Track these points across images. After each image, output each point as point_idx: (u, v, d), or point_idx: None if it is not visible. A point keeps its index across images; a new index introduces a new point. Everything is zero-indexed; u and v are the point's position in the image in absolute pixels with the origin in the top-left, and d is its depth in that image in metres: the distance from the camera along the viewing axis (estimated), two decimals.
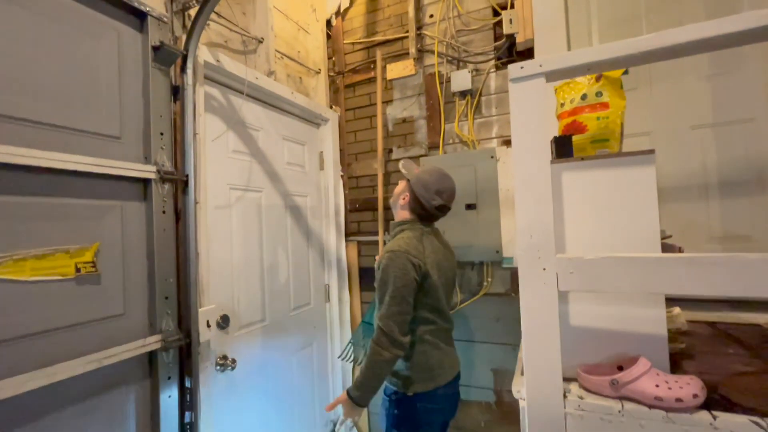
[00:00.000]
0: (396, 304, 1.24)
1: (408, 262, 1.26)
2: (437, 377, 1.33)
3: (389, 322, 1.23)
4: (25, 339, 0.92)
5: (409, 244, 1.30)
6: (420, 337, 1.33)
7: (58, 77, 1.01)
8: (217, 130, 1.52)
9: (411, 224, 1.39)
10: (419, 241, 1.33)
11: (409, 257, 1.26)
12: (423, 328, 1.33)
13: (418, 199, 1.37)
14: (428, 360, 1.33)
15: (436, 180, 1.37)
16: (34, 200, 0.95)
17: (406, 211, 1.42)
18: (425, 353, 1.33)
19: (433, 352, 1.34)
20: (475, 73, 1.94)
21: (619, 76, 1.11)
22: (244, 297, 1.62)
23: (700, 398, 0.74)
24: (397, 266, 1.25)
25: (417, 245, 1.31)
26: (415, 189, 1.37)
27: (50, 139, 0.98)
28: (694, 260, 0.69)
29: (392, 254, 1.28)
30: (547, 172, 0.82)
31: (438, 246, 1.40)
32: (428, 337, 1.34)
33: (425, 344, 1.33)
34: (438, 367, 1.34)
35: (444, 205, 1.38)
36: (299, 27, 2.09)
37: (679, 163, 1.48)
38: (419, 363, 1.32)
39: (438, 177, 1.38)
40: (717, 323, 1.24)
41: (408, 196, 1.40)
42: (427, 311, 1.33)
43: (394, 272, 1.25)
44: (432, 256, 1.33)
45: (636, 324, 0.88)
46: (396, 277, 1.24)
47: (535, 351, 0.84)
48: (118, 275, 1.12)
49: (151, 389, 1.19)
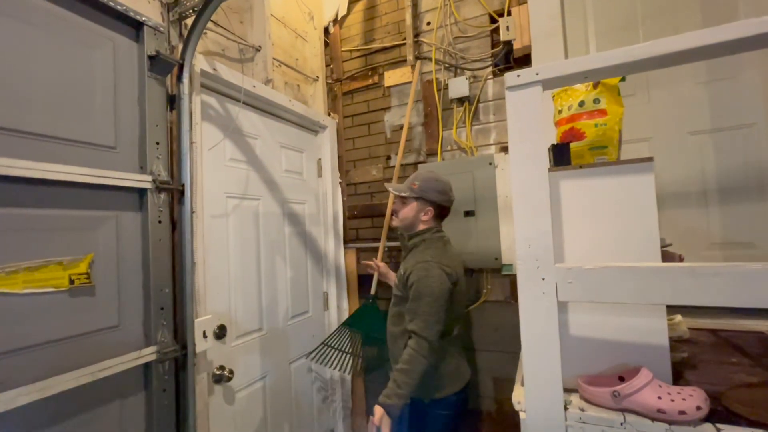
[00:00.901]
0: (435, 314, 1.27)
1: (443, 272, 1.29)
2: (454, 383, 1.37)
3: (431, 332, 1.26)
4: (17, 353, 0.90)
5: (440, 254, 1.35)
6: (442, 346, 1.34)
7: (52, 88, 1.01)
8: (213, 139, 1.52)
9: (431, 233, 1.43)
10: (444, 250, 1.39)
11: (443, 267, 1.30)
12: (446, 337, 1.36)
13: (441, 205, 1.43)
14: (445, 367, 1.37)
15: (442, 182, 1.45)
16: (26, 212, 0.94)
17: (427, 222, 1.45)
18: (445, 360, 1.37)
19: (453, 360, 1.39)
20: (472, 79, 1.94)
21: (617, 83, 1.11)
22: (241, 306, 1.60)
23: (704, 410, 0.73)
24: (433, 277, 1.28)
25: (446, 253, 1.37)
26: (435, 199, 1.42)
27: (44, 150, 0.97)
28: (696, 270, 0.68)
29: (427, 264, 1.31)
30: (544, 181, 0.82)
31: (456, 251, 1.47)
32: (445, 345, 1.36)
33: (445, 352, 1.37)
34: (455, 372, 1.38)
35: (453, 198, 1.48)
36: (297, 35, 2.10)
37: (678, 169, 1.47)
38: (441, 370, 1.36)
39: (438, 177, 1.45)
40: (719, 330, 1.23)
41: (431, 209, 1.43)
42: (450, 320, 1.35)
43: (431, 283, 1.28)
44: (458, 262, 1.41)
45: (637, 334, 0.87)
46: (433, 287, 1.27)
47: (535, 362, 0.82)
48: (112, 286, 1.11)
49: (146, 402, 1.17)
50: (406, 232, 1.51)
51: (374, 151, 2.22)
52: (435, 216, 1.45)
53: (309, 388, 1.99)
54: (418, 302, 1.29)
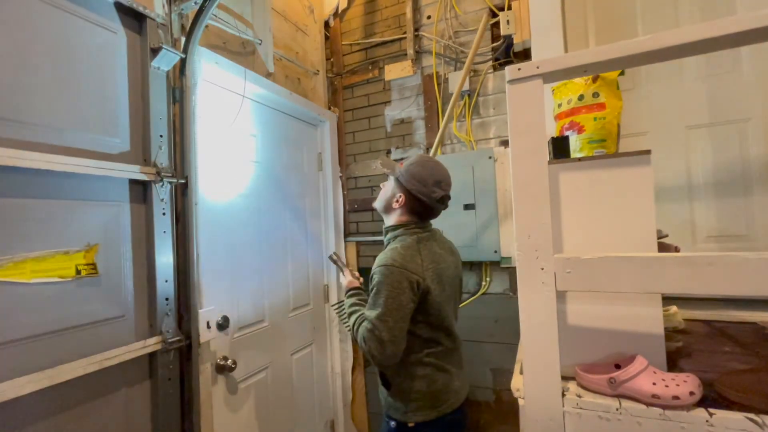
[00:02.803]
0: (385, 327, 1.07)
1: (404, 279, 1.09)
2: (442, 404, 1.18)
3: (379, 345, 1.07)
4: (26, 341, 0.92)
5: (405, 256, 1.13)
6: (421, 360, 1.18)
7: (56, 80, 1.02)
8: (216, 132, 1.53)
9: (406, 229, 1.23)
10: (416, 251, 1.16)
11: (406, 274, 1.10)
12: (425, 351, 1.18)
13: (416, 197, 1.20)
14: (431, 386, 1.18)
15: (430, 170, 1.21)
16: (33, 202, 0.95)
17: (403, 215, 1.25)
18: (427, 377, 1.18)
19: (438, 376, 1.19)
20: (472, 74, 1.95)
21: (616, 77, 1.12)
22: (243, 298, 1.62)
23: (697, 396, 0.75)
24: (390, 284, 1.09)
25: (414, 257, 1.14)
26: (409, 186, 1.20)
27: (50, 142, 0.98)
28: (691, 260, 0.70)
29: (385, 269, 1.11)
30: (544, 173, 0.83)
31: (438, 253, 1.23)
32: (431, 359, 1.19)
33: (428, 367, 1.18)
34: (443, 392, 1.19)
35: (445, 196, 1.23)
36: (297, 28, 2.10)
37: (675, 163, 1.49)
38: (420, 389, 1.17)
39: (431, 166, 1.23)
40: (713, 321, 1.26)
41: (402, 196, 1.22)
42: (430, 330, 1.18)
43: (387, 291, 1.09)
44: (432, 268, 1.17)
45: (633, 323, 0.89)
46: (389, 297, 1.08)
47: (534, 350, 0.84)
48: (118, 277, 1.12)
49: (152, 390, 1.19)
50: (383, 217, 1.32)
51: (374, 145, 2.23)
52: (410, 209, 1.23)
53: (310, 379, 2.02)
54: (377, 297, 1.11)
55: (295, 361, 1.92)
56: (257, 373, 1.67)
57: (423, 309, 1.15)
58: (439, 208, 1.25)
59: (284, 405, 1.82)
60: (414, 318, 1.14)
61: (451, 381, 1.21)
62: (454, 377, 1.22)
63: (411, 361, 1.17)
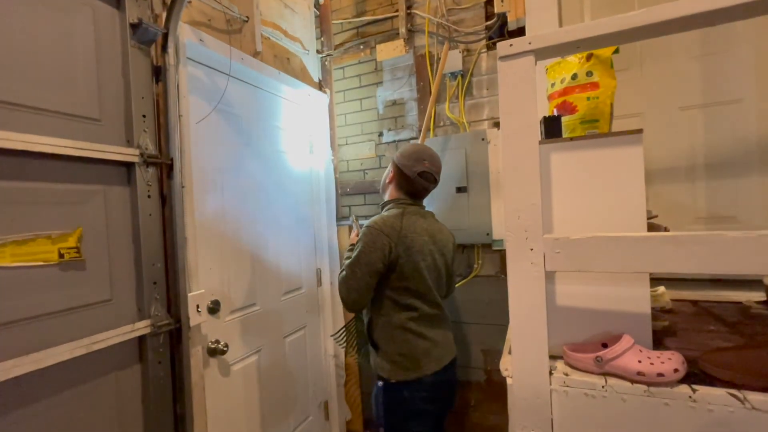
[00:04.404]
0: (353, 277, 1.26)
1: (378, 238, 1.25)
2: (423, 367, 1.29)
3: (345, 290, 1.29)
4: (9, 325, 0.91)
5: (386, 222, 1.29)
6: (402, 326, 1.30)
7: (30, 56, 0.97)
8: (201, 113, 1.48)
9: (395, 203, 1.39)
10: (398, 219, 1.30)
11: (382, 234, 1.26)
12: (404, 315, 1.30)
13: (401, 171, 1.37)
14: (411, 350, 1.29)
15: (416, 149, 1.39)
16: (10, 185, 0.92)
17: (393, 190, 1.42)
18: (408, 342, 1.30)
19: (418, 342, 1.30)
20: (466, 53, 1.91)
21: (610, 56, 1.10)
22: (234, 282, 1.61)
23: (681, 373, 0.76)
24: (366, 241, 1.27)
25: (394, 223, 1.29)
26: (397, 161, 1.39)
27: (25, 121, 0.95)
28: (678, 239, 0.70)
29: (366, 229, 1.29)
30: (535, 153, 0.82)
31: (424, 228, 1.34)
32: (411, 325, 1.30)
33: (408, 333, 1.30)
34: (423, 356, 1.29)
35: (426, 171, 1.34)
36: (286, 5, 2.03)
37: (668, 144, 1.48)
38: (403, 352, 1.29)
39: (418, 147, 1.41)
40: (700, 301, 1.27)
41: (392, 172, 1.41)
42: (408, 296, 1.30)
43: (361, 247, 1.27)
44: (411, 236, 1.29)
45: (621, 303, 0.89)
46: (361, 251, 1.26)
47: (522, 330, 0.85)
48: (103, 261, 1.10)
49: (142, 373, 1.19)
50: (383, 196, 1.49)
51: (366, 128, 2.20)
52: (398, 185, 1.40)
53: (303, 361, 2.04)
54: (355, 250, 1.30)
55: (288, 344, 1.93)
56: (250, 356, 1.68)
57: (399, 274, 1.28)
58: (421, 183, 1.37)
59: (278, 387, 1.84)
60: (392, 283, 1.29)
61: (431, 347, 1.31)
62: (435, 344, 1.33)
63: (393, 325, 1.31)
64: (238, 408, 1.60)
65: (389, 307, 1.31)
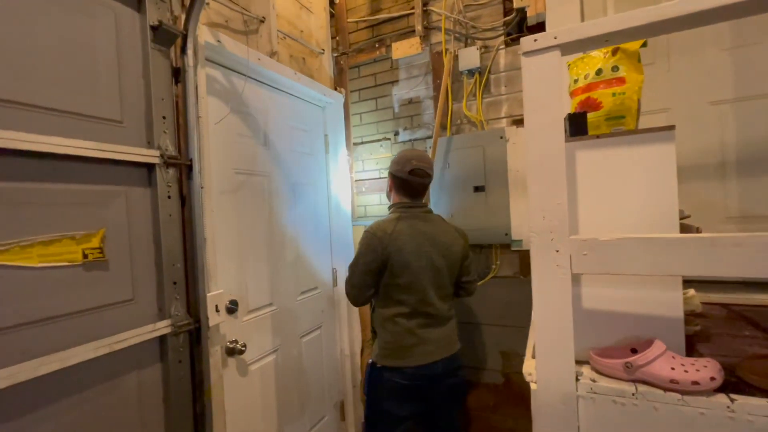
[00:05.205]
0: (353, 276, 1.43)
1: (372, 241, 1.39)
2: (405, 358, 1.39)
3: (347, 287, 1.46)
4: (36, 325, 0.92)
5: (380, 226, 1.42)
6: (392, 318, 1.41)
7: (55, 60, 0.99)
8: (219, 113, 1.49)
9: (395, 208, 1.48)
10: (392, 223, 1.41)
11: (375, 237, 1.39)
12: (394, 310, 1.41)
13: (395, 176, 1.47)
14: (397, 341, 1.41)
15: (403, 154, 1.49)
16: (37, 186, 0.94)
17: (394, 195, 1.52)
18: (396, 334, 1.41)
19: (404, 335, 1.39)
20: (483, 50, 1.87)
21: (637, 49, 1.06)
22: (251, 282, 1.62)
23: (718, 381, 0.72)
24: (362, 244, 1.42)
25: (387, 227, 1.40)
26: (390, 170, 1.50)
27: (51, 124, 0.96)
28: (716, 240, 0.66)
29: (364, 233, 1.44)
30: (561, 151, 0.79)
31: (421, 230, 1.42)
32: (400, 320, 1.40)
33: (396, 326, 1.41)
34: (408, 349, 1.39)
35: (416, 168, 1.42)
36: (301, 5, 2.03)
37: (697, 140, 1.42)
38: (390, 342, 1.42)
39: (405, 151, 1.51)
40: (732, 305, 1.22)
41: (389, 179, 1.53)
42: (399, 293, 1.40)
43: (359, 249, 1.43)
44: (404, 238, 1.38)
45: (651, 306, 0.86)
46: (359, 253, 1.42)
47: (547, 334, 0.82)
48: (125, 261, 1.12)
49: (163, 373, 1.21)
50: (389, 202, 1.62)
51: (382, 127, 2.19)
52: (396, 189, 1.50)
53: (319, 361, 2.04)
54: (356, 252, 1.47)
55: (304, 344, 1.93)
56: (267, 355, 1.69)
57: (390, 272, 1.39)
58: (413, 180, 1.44)
59: (294, 387, 1.84)
60: (386, 280, 1.40)
61: (418, 342, 1.39)
62: (423, 340, 1.40)
63: (385, 317, 1.43)
64: (256, 407, 1.61)
65: (384, 300, 1.44)
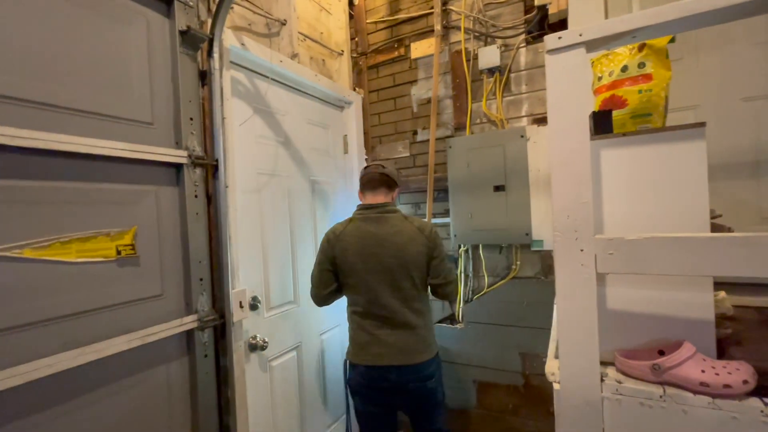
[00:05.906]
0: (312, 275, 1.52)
1: (323, 242, 1.50)
2: (358, 355, 1.45)
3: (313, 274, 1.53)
4: (74, 317, 0.97)
5: (333, 227, 1.51)
6: (351, 315, 1.51)
7: (91, 65, 1.04)
8: (243, 115, 1.53)
9: (357, 209, 1.54)
10: (343, 225, 1.50)
11: (326, 238, 1.50)
12: (352, 308, 1.50)
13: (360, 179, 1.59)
14: (354, 338, 1.48)
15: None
16: (75, 185, 0.99)
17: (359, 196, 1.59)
18: (352, 330, 1.50)
19: (359, 333, 1.46)
20: (503, 48, 1.86)
21: (665, 45, 1.03)
22: (274, 279, 1.65)
23: (751, 384, 0.70)
24: (319, 246, 1.53)
25: (336, 228, 1.50)
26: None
27: (88, 126, 1.01)
28: (750, 240, 0.65)
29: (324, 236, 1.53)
30: (586, 149, 0.78)
31: (371, 231, 1.44)
32: (355, 317, 1.48)
33: (352, 323, 1.50)
34: (361, 347, 1.44)
35: (367, 166, 1.57)
36: (321, 7, 2.06)
37: (728, 138, 1.37)
38: (352, 337, 1.50)
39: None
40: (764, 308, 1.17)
41: None
42: (350, 292, 1.48)
43: (318, 250, 1.53)
44: (349, 239, 1.44)
45: (680, 308, 0.84)
46: (317, 254, 1.52)
47: (571, 334, 0.81)
48: (155, 257, 1.16)
49: (190, 366, 1.25)
50: None
51: (400, 127, 2.19)
52: (359, 190, 1.58)
53: (340, 357, 2.06)
54: None
55: (325, 341, 1.96)
56: (288, 351, 1.72)
57: (341, 271, 1.46)
58: (364, 175, 1.54)
59: (314, 383, 1.87)
60: (340, 279, 1.48)
61: (371, 342, 1.43)
62: (376, 340, 1.42)
63: (348, 314, 1.53)
64: (277, 402, 1.64)
65: (346, 297, 1.53)
